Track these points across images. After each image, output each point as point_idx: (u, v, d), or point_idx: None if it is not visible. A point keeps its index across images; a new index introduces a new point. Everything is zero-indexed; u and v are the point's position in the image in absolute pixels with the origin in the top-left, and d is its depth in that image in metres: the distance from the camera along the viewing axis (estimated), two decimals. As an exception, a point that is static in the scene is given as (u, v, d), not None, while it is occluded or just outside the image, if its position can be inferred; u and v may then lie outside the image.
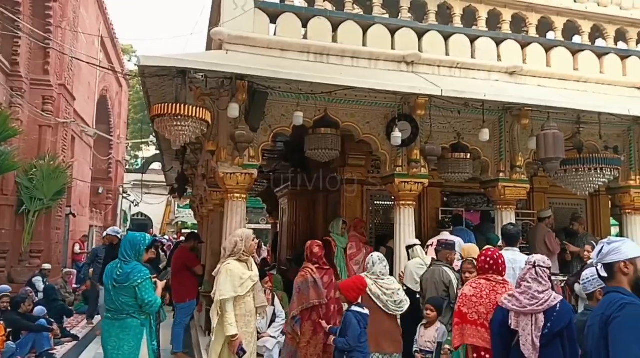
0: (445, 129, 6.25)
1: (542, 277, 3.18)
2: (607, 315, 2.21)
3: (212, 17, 6.40)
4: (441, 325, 4.27)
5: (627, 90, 6.84)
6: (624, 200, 6.95)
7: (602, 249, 2.39)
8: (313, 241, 5.25)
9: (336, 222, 6.79)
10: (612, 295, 2.31)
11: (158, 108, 4.83)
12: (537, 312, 3.08)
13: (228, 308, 4.00)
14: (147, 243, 4.03)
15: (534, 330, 3.04)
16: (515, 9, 6.60)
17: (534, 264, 3.25)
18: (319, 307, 4.78)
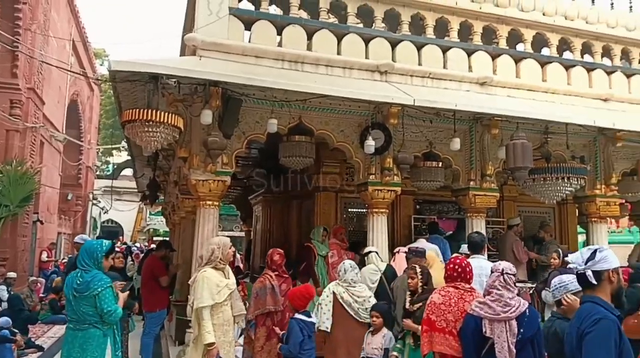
0: (418, 138, 6.34)
1: (510, 284, 3.27)
2: (582, 329, 2.28)
3: (186, 22, 6.35)
4: (388, 332, 4.25)
5: (593, 102, 7.05)
6: (590, 208, 7.15)
7: (594, 256, 2.41)
8: (274, 249, 5.34)
9: (317, 229, 6.76)
10: (587, 306, 2.37)
11: (129, 113, 4.76)
12: (511, 318, 3.15)
13: (205, 316, 3.97)
14: (104, 249, 3.92)
15: (509, 337, 3.10)
16: (486, 21, 6.76)
17: (502, 271, 3.31)
18: (274, 313, 4.85)
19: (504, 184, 8.11)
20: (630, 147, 7.12)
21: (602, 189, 7.07)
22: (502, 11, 6.73)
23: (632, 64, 7.64)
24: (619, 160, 7.21)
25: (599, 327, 2.25)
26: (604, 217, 7.21)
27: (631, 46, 7.56)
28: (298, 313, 4.21)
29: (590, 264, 2.36)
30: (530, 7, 6.89)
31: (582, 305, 2.40)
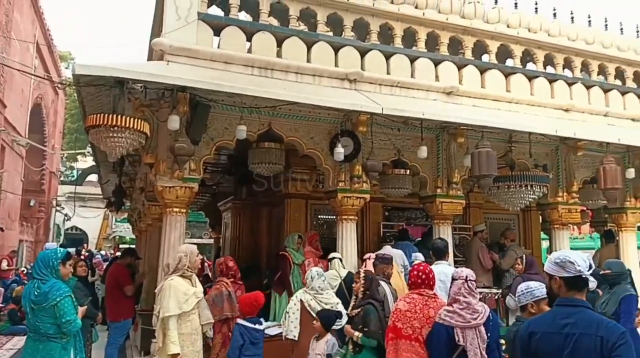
0: (386, 146, 6.40)
1: (474, 290, 3.35)
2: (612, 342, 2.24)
3: (154, 27, 6.27)
4: (331, 338, 4.24)
5: (555, 112, 7.27)
6: (552, 215, 7.35)
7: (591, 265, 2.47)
8: (227, 257, 5.37)
9: (291, 237, 6.66)
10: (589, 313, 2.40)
11: (93, 118, 4.65)
12: (480, 325, 3.24)
13: (171, 326, 3.89)
14: (60, 257, 3.82)
15: (480, 343, 3.17)
16: (453, 32, 6.90)
17: (466, 278, 3.38)
18: (231, 319, 4.83)
19: (470, 191, 8.27)
20: (590, 156, 7.35)
21: (564, 197, 7.29)
22: (468, 23, 6.89)
23: (591, 75, 7.92)
24: (579, 168, 7.44)
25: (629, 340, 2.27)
26: (565, 223, 7.43)
27: (590, 59, 7.84)
28: (243, 319, 4.29)
29: (590, 272, 2.41)
30: (495, 19, 7.08)
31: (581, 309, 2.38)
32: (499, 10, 7.13)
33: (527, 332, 2.46)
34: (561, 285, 2.43)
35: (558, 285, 2.45)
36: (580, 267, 2.37)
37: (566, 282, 2.42)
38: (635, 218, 7.88)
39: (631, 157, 7.54)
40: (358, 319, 3.88)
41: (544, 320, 2.50)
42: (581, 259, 2.40)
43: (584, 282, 2.39)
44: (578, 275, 2.37)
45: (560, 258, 2.44)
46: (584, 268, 2.38)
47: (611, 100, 7.80)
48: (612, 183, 6.60)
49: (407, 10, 6.60)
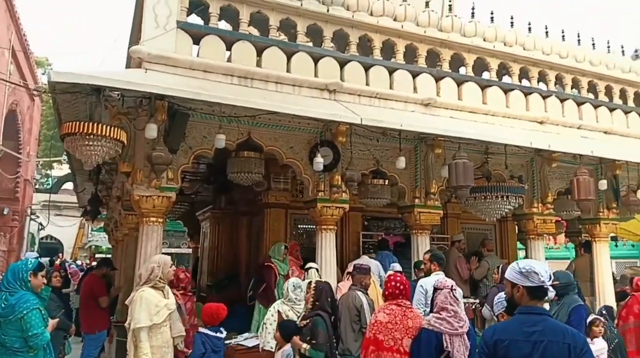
0: (365, 156, 6.45)
1: (458, 299, 3.41)
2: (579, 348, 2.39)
3: (132, 34, 6.23)
4: (288, 348, 4.16)
5: (530, 124, 7.41)
6: (528, 226, 7.46)
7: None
8: (179, 268, 5.29)
9: (277, 247, 6.60)
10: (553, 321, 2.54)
11: (69, 126, 4.57)
12: (464, 332, 3.35)
13: (142, 338, 3.83)
14: (30, 268, 3.71)
15: (465, 350, 3.30)
16: (431, 45, 7.01)
17: (451, 288, 3.45)
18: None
19: (448, 202, 8.36)
20: (565, 168, 7.51)
21: (539, 207, 7.41)
22: (445, 36, 7.01)
23: (565, 89, 8.12)
24: (554, 180, 7.58)
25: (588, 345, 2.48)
26: (541, 234, 7.55)
27: (564, 73, 8.04)
28: (204, 327, 4.29)
29: (550, 282, 2.54)
30: (471, 33, 7.21)
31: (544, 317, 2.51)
32: (476, 24, 7.27)
33: (492, 340, 2.52)
34: (524, 294, 2.53)
35: (520, 293, 2.54)
36: (544, 278, 2.48)
37: (529, 291, 2.51)
38: (608, 228, 8.06)
39: (604, 169, 7.71)
40: (306, 330, 3.87)
41: (509, 328, 2.56)
42: (544, 270, 2.51)
43: (545, 292, 2.50)
44: (540, 285, 2.48)
45: (525, 268, 2.53)
46: (546, 279, 2.49)
47: (584, 113, 7.99)
48: (585, 194, 6.74)
49: (386, 22, 6.69)
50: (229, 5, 6.04)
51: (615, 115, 8.31)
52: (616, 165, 7.58)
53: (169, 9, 5.50)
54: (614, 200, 7.86)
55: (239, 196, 8.75)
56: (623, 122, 8.37)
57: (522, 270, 2.52)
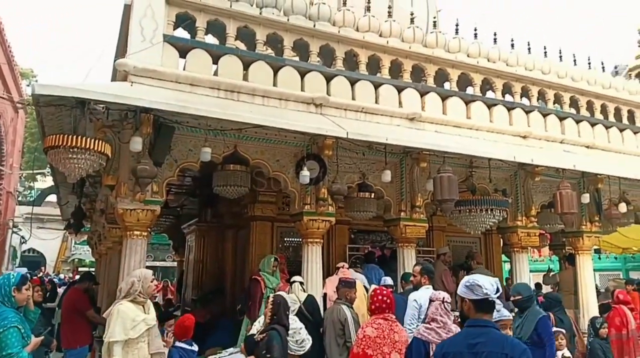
0: (351, 169, 6.48)
1: (449, 311, 3.45)
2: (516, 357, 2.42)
3: (118, 48, 6.21)
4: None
5: (514, 138, 7.51)
6: (512, 239, 7.53)
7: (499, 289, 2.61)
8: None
9: (267, 260, 6.51)
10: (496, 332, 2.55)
11: (52, 139, 4.54)
12: None
13: (116, 352, 3.77)
14: (14, 282, 3.59)
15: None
16: (416, 60, 7.11)
17: (443, 300, 3.49)
18: None
19: (433, 215, 8.41)
20: (548, 181, 7.60)
21: (523, 221, 7.48)
22: (430, 51, 7.11)
23: (547, 104, 8.26)
24: (537, 193, 7.67)
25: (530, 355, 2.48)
26: (525, 247, 7.62)
27: (546, 88, 8.19)
28: (179, 341, 4.29)
29: (498, 295, 2.57)
30: (455, 49, 7.33)
31: (488, 329, 2.53)
32: (460, 40, 7.40)
33: (441, 353, 2.60)
34: (470, 307, 2.58)
35: (467, 307, 2.60)
36: (487, 291, 2.52)
37: (475, 305, 2.56)
38: (591, 241, 8.14)
39: (586, 183, 7.84)
40: (262, 345, 3.89)
41: (455, 341, 2.64)
42: (489, 283, 2.54)
43: (491, 304, 2.55)
44: (485, 298, 2.52)
45: (469, 282, 2.59)
46: (491, 292, 2.52)
47: (566, 127, 8.13)
48: (568, 208, 6.83)
49: (371, 38, 6.78)
50: (216, 20, 6.08)
51: (596, 130, 8.47)
52: (598, 179, 7.71)
53: (156, 22, 5.52)
54: (596, 213, 7.97)
55: (224, 209, 8.72)
56: (604, 136, 8.54)
57: (467, 283, 2.59)
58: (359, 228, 8.65)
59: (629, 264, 13.73)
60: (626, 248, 13.69)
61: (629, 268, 13.60)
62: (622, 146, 8.66)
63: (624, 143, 8.74)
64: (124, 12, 5.74)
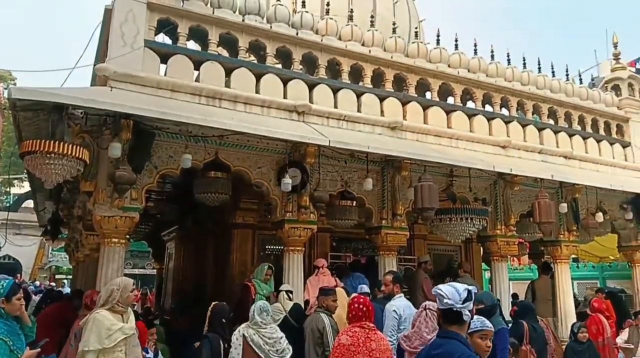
0: (333, 177, 6.48)
1: (431, 319, 3.42)
2: None
3: (98, 53, 6.15)
4: None
5: (493, 148, 7.61)
6: (492, 247, 7.59)
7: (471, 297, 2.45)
8: (93, 290, 5.08)
9: (260, 268, 6.35)
10: (455, 344, 2.43)
11: (29, 144, 4.45)
12: (416, 352, 3.34)
13: None
14: (2, 293, 3.25)
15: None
16: (397, 70, 7.17)
17: (425, 307, 3.49)
18: None
19: (414, 223, 8.44)
20: (527, 191, 7.70)
21: (502, 229, 7.54)
22: (411, 61, 7.19)
23: (526, 114, 8.40)
24: (516, 202, 7.76)
25: None
26: (504, 255, 7.68)
27: (525, 99, 8.33)
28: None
29: (467, 304, 2.41)
30: (436, 59, 7.42)
31: (448, 340, 2.43)
32: (441, 51, 7.49)
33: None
34: (440, 317, 2.51)
35: (439, 316, 2.54)
36: (450, 300, 2.40)
37: (442, 314, 2.48)
38: (569, 250, 8.25)
39: (564, 192, 7.96)
40: (197, 352, 3.90)
41: (422, 352, 2.61)
42: (454, 292, 2.42)
43: (456, 315, 2.41)
44: (449, 308, 2.41)
45: (435, 291, 2.50)
46: (455, 302, 2.40)
47: (545, 138, 8.27)
48: (546, 217, 6.93)
49: (354, 47, 6.83)
50: (198, 26, 6.05)
51: (574, 141, 8.64)
52: (576, 189, 7.84)
53: (137, 27, 5.47)
54: (574, 222, 8.08)
55: (205, 216, 8.64)
56: (582, 147, 8.71)
57: (434, 292, 2.53)
58: (340, 236, 8.64)
59: (606, 273, 13.92)
60: (603, 257, 13.91)
61: (606, 277, 13.78)
62: (598, 156, 8.85)
63: (600, 153, 8.93)
64: (105, 16, 5.69)
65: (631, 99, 9.76)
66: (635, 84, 9.97)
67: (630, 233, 8.96)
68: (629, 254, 9.10)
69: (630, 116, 9.65)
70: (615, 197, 8.54)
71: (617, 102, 9.63)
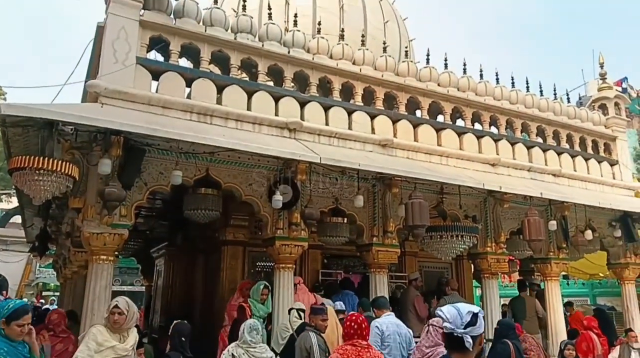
0: (325, 194, 6.49)
1: (433, 334, 3.41)
2: None
3: (90, 69, 6.16)
4: None
5: (483, 166, 7.68)
6: (482, 264, 7.59)
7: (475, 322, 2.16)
8: (55, 310, 5.17)
9: (256, 287, 6.14)
10: None
11: (18, 160, 4.42)
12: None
13: None
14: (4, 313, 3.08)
15: None
16: (388, 88, 7.25)
17: (430, 323, 3.49)
18: None
19: (405, 240, 8.45)
20: (516, 208, 7.74)
21: (493, 247, 7.56)
22: (402, 80, 7.27)
23: (515, 133, 8.50)
24: (506, 220, 7.79)
25: None
26: (495, 272, 7.69)
27: (514, 117, 8.44)
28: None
29: (470, 330, 2.14)
30: (426, 78, 7.51)
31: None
32: (431, 70, 7.59)
33: None
34: (444, 339, 2.28)
35: (443, 339, 2.30)
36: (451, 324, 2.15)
37: (445, 338, 2.25)
38: (559, 268, 8.28)
39: (553, 210, 8.01)
40: None
41: None
42: (456, 315, 2.16)
43: (458, 340, 2.14)
44: (450, 332, 2.16)
45: (437, 312, 2.27)
46: (456, 326, 2.15)
47: (534, 156, 8.36)
48: (536, 234, 6.96)
49: (345, 66, 6.91)
50: (190, 44, 6.10)
51: (563, 159, 8.74)
52: (565, 207, 7.89)
53: (129, 45, 5.50)
54: (563, 240, 8.13)
55: (195, 233, 8.58)
56: (570, 165, 8.80)
57: (436, 313, 2.28)
58: (331, 253, 8.61)
59: (596, 290, 13.98)
60: (593, 275, 13.96)
61: (597, 294, 13.84)
62: (587, 174, 8.95)
63: (589, 171, 9.03)
64: (97, 33, 5.72)
65: (618, 117, 9.93)
66: (622, 103, 10.16)
67: (619, 250, 9.02)
68: (618, 271, 9.14)
69: (617, 135, 9.81)
70: (604, 215, 8.61)
71: (604, 120, 9.79)
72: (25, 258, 24.29)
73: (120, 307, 3.86)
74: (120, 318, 3.83)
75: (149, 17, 5.80)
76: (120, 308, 3.85)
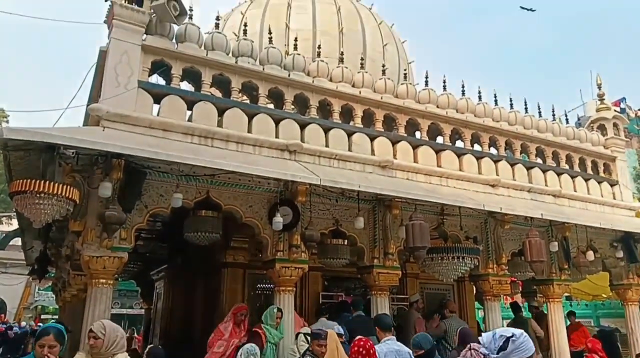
0: (325, 216, 6.48)
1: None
2: None
3: (92, 93, 6.23)
4: None
5: (483, 186, 7.68)
6: (484, 286, 7.53)
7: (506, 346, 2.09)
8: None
9: (269, 311, 5.82)
10: None
11: (19, 184, 4.44)
12: None
13: None
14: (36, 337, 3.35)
15: None
16: (387, 110, 7.31)
17: (470, 347, 3.45)
18: None
19: (407, 261, 8.39)
20: (517, 229, 7.71)
21: (494, 268, 7.51)
22: (401, 102, 7.34)
23: (515, 154, 8.53)
24: (507, 241, 7.75)
25: None
26: (497, 294, 7.63)
27: (513, 138, 8.47)
28: None
29: (501, 355, 2.09)
30: (425, 100, 7.58)
31: None
32: (429, 92, 7.67)
33: None
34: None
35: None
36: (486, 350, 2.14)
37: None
38: (561, 289, 8.20)
39: (554, 231, 7.99)
40: None
41: None
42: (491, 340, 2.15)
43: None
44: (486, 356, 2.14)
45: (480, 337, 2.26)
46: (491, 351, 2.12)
47: (534, 176, 8.37)
48: (537, 256, 6.92)
49: (344, 88, 6.98)
50: (192, 67, 6.17)
51: (562, 179, 8.74)
52: (566, 228, 7.87)
53: (131, 69, 5.57)
54: (565, 261, 8.07)
55: (195, 255, 8.53)
56: (570, 185, 8.80)
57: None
58: (332, 275, 8.54)
59: (599, 311, 13.84)
60: (596, 295, 13.85)
61: (600, 316, 13.69)
62: (587, 195, 8.94)
63: (589, 192, 9.02)
64: (99, 57, 5.79)
65: (617, 138, 9.97)
66: (620, 124, 10.21)
67: (622, 271, 8.95)
68: (621, 293, 9.06)
69: (617, 155, 9.83)
70: (606, 235, 8.58)
71: (603, 141, 9.83)
72: (24, 281, 24.16)
73: (94, 330, 3.60)
74: (97, 343, 3.57)
75: (151, 42, 5.89)
76: (95, 332, 3.58)
